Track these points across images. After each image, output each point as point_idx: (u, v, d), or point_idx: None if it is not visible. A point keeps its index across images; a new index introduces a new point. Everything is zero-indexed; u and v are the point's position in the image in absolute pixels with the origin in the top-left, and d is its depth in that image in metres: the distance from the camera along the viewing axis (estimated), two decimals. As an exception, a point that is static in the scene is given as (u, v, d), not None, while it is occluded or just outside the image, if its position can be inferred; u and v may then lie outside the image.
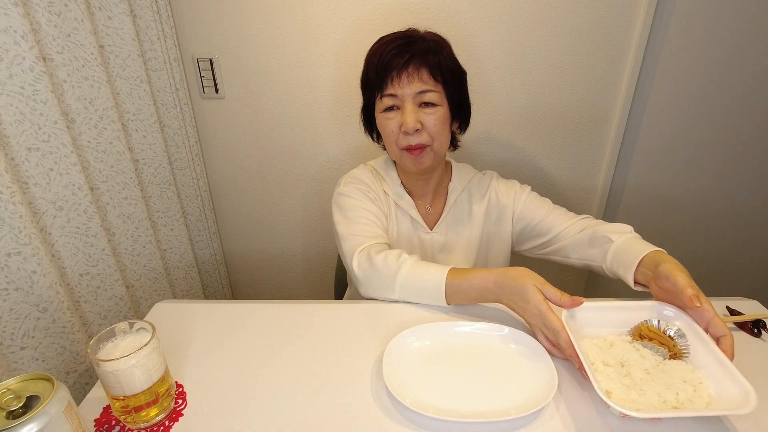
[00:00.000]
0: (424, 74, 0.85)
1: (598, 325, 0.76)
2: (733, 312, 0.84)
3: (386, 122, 0.90)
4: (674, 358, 0.69)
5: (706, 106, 1.36)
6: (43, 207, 0.88)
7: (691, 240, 1.58)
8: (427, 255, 1.03)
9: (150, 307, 0.91)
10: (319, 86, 1.33)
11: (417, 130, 0.87)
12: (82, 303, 0.99)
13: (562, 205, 1.03)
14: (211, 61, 1.30)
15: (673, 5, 1.22)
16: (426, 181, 1.00)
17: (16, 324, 0.82)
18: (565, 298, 0.72)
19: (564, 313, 0.73)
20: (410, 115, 0.86)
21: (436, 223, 1.02)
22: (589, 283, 1.67)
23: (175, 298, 1.36)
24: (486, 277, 0.78)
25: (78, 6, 0.92)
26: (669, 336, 0.72)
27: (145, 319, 0.78)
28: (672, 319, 0.74)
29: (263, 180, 1.49)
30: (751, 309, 0.85)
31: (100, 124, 1.01)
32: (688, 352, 0.70)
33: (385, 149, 1.01)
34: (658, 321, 0.73)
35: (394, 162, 1.03)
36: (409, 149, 0.90)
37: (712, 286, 1.67)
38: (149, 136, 1.20)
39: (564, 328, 0.68)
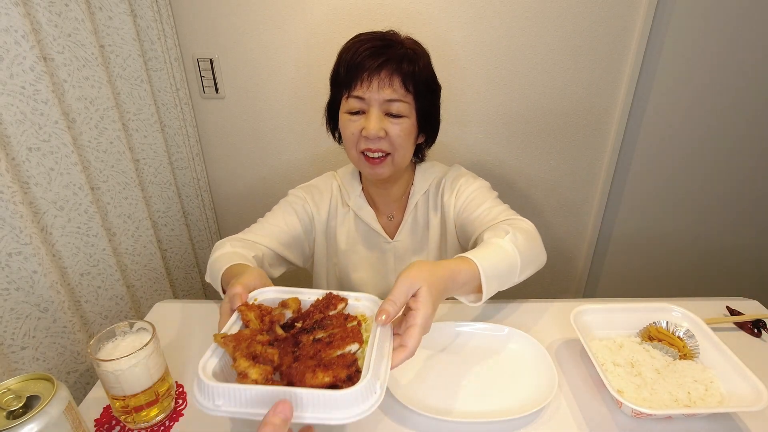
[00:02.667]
0: (396, 82, 0.81)
1: (606, 327, 0.76)
2: (733, 312, 0.84)
3: (348, 123, 0.86)
4: (684, 359, 0.70)
5: (706, 105, 1.36)
6: (43, 207, 0.88)
7: (692, 239, 1.58)
8: (389, 264, 1.01)
9: (150, 307, 0.91)
10: (318, 86, 1.33)
11: (379, 137, 0.83)
12: (83, 303, 0.99)
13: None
14: (211, 61, 1.30)
15: (673, 5, 1.22)
16: (387, 190, 0.97)
17: (17, 324, 0.82)
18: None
19: (573, 315, 0.73)
20: (374, 122, 0.82)
21: (397, 231, 0.99)
22: (589, 283, 1.67)
23: (175, 298, 1.36)
24: None
25: (78, 6, 0.92)
26: (678, 337, 0.72)
27: (145, 319, 0.78)
28: (680, 320, 0.74)
29: (263, 180, 1.49)
30: (751, 309, 0.85)
31: (101, 123, 1.01)
32: (698, 353, 0.70)
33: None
34: (667, 322, 0.74)
35: (360, 172, 1.00)
36: (368, 156, 0.86)
37: (712, 286, 1.67)
38: (150, 136, 1.20)
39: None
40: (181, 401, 0.68)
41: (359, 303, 0.62)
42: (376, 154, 0.86)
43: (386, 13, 1.23)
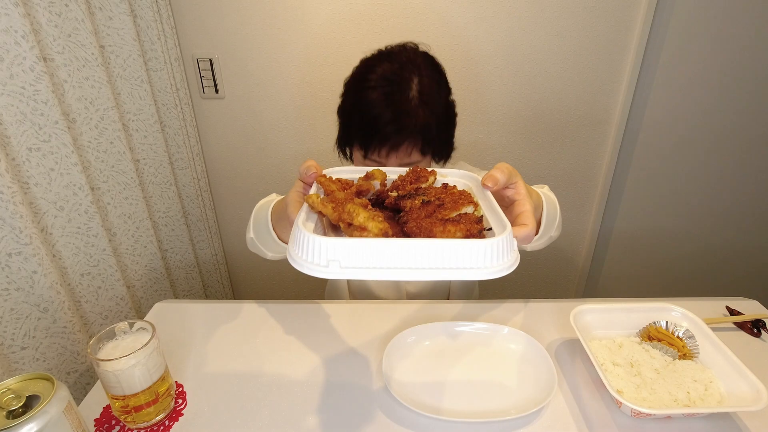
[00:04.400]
0: (415, 153, 0.78)
1: (606, 326, 0.76)
2: (733, 312, 0.84)
3: (365, 163, 0.82)
4: (684, 359, 0.70)
5: (706, 105, 1.36)
6: (44, 207, 0.88)
7: (691, 239, 1.58)
8: None
9: (150, 307, 0.91)
10: (319, 86, 1.33)
11: None
12: (83, 303, 0.99)
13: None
14: (211, 61, 1.30)
15: (673, 5, 1.22)
16: None
17: (17, 324, 0.82)
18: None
19: (572, 315, 0.73)
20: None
21: None
22: (589, 282, 1.67)
23: (175, 298, 1.36)
24: None
25: (78, 6, 0.93)
26: (678, 337, 0.72)
27: (145, 319, 0.78)
28: (680, 320, 0.74)
29: (263, 180, 1.49)
30: (751, 309, 0.85)
31: (101, 124, 1.01)
32: (698, 353, 0.70)
33: None
34: (666, 322, 0.74)
35: None
36: None
37: (711, 286, 1.67)
38: (150, 136, 1.20)
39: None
40: (180, 401, 0.68)
41: (446, 179, 0.57)
42: None
43: (386, 12, 1.23)
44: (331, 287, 1.09)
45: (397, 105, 0.75)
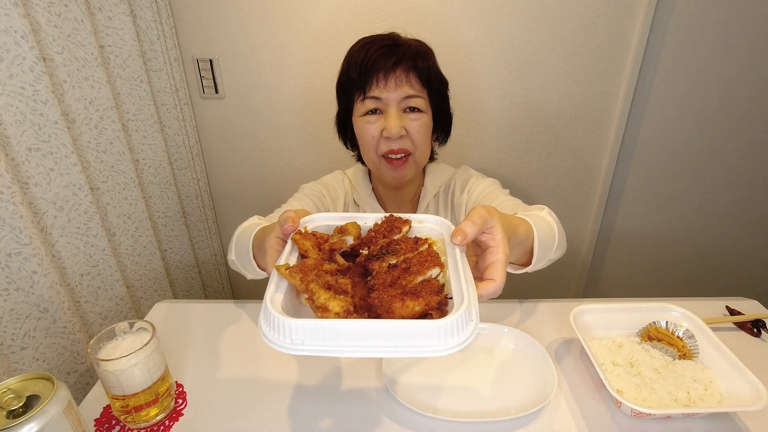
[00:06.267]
0: (413, 78, 0.81)
1: (606, 326, 0.76)
2: (733, 312, 0.84)
3: (366, 126, 0.84)
4: (684, 359, 0.70)
5: (706, 105, 1.36)
6: (43, 207, 0.88)
7: (691, 239, 1.58)
8: None
9: (150, 307, 0.91)
10: (319, 86, 1.33)
11: (401, 136, 0.82)
12: (83, 303, 0.99)
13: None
14: (211, 61, 1.30)
15: (673, 5, 1.22)
16: (399, 191, 0.97)
17: (17, 324, 0.82)
18: None
19: (572, 315, 0.73)
20: (395, 120, 0.81)
21: None
22: (589, 282, 1.67)
23: (175, 298, 1.36)
24: None
25: (78, 6, 0.93)
26: (678, 337, 0.72)
27: (145, 319, 0.78)
28: (679, 320, 0.75)
29: (263, 180, 1.49)
30: (751, 309, 0.85)
31: (101, 124, 1.01)
32: (698, 353, 0.70)
33: (358, 159, 0.98)
34: (666, 322, 0.74)
35: (369, 172, 1.00)
36: (390, 159, 0.85)
37: (712, 286, 1.67)
38: (149, 136, 1.20)
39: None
40: (180, 401, 0.68)
41: (423, 225, 0.56)
42: (398, 155, 0.85)
43: (386, 12, 1.23)
44: None
45: (387, 41, 0.83)
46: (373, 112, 0.83)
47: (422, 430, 0.62)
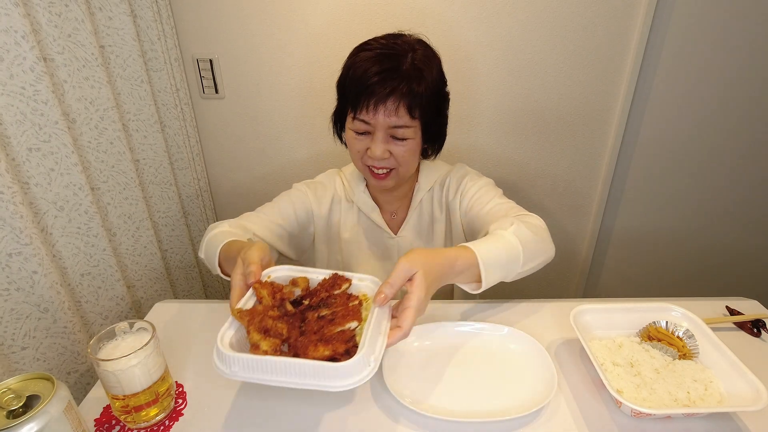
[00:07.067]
0: (402, 110, 0.80)
1: (606, 326, 0.76)
2: (733, 312, 0.84)
3: (354, 141, 0.87)
4: (684, 359, 0.70)
5: (706, 105, 1.36)
6: (44, 207, 0.88)
7: (691, 239, 1.58)
8: (393, 260, 1.02)
9: (150, 307, 0.91)
10: (319, 86, 1.33)
11: (384, 158, 0.85)
12: (83, 303, 0.99)
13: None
14: (211, 61, 1.30)
15: (673, 5, 1.22)
16: (391, 193, 0.99)
17: (17, 324, 0.82)
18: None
19: (572, 315, 0.74)
20: (379, 146, 0.83)
21: (400, 227, 1.01)
22: (589, 282, 1.67)
23: (175, 298, 1.36)
24: None
25: (78, 6, 0.93)
26: (678, 337, 0.72)
27: (145, 319, 0.78)
28: (679, 320, 0.75)
29: (263, 180, 1.50)
30: (751, 309, 0.85)
31: (101, 124, 1.01)
32: (698, 352, 0.70)
33: None
34: (666, 322, 0.74)
35: None
36: (373, 172, 0.88)
37: (712, 286, 1.67)
38: (150, 136, 1.20)
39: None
40: (181, 401, 0.68)
41: (362, 283, 0.68)
42: (380, 171, 0.88)
43: (386, 12, 1.23)
44: None
45: (387, 62, 0.80)
46: (363, 132, 0.85)
47: (422, 429, 0.62)
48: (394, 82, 0.79)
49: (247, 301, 0.61)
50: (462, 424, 0.63)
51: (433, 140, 0.91)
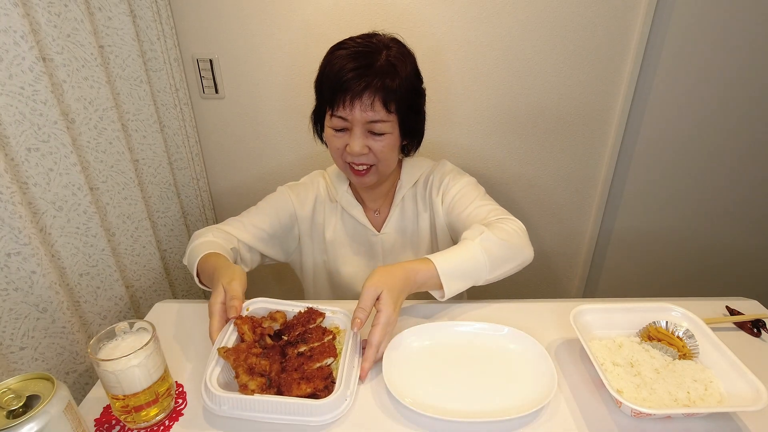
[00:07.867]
0: (378, 104, 0.82)
1: (606, 326, 0.76)
2: (733, 312, 0.84)
3: (333, 139, 0.89)
4: (684, 359, 0.70)
5: (706, 105, 1.36)
6: (42, 207, 0.88)
7: (691, 239, 1.58)
8: (378, 258, 1.04)
9: (150, 307, 0.91)
10: (319, 86, 1.33)
11: (363, 154, 0.86)
12: (82, 303, 0.99)
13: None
14: (211, 61, 1.30)
15: (673, 5, 1.22)
16: (373, 190, 1.00)
17: (16, 324, 0.82)
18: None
19: (572, 315, 0.74)
20: (357, 142, 0.85)
21: (383, 224, 1.02)
22: (589, 282, 1.67)
23: (175, 298, 1.36)
24: None
25: (78, 6, 0.92)
26: (678, 337, 0.72)
27: (145, 319, 0.78)
28: (679, 320, 0.75)
29: (263, 180, 1.49)
30: (751, 309, 0.85)
31: (100, 124, 1.01)
32: (698, 352, 0.70)
33: None
34: (666, 322, 0.74)
35: None
36: (354, 168, 0.90)
37: (712, 286, 1.67)
38: (149, 136, 1.19)
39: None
40: (180, 401, 0.68)
41: (335, 316, 0.77)
42: (360, 167, 0.89)
43: (385, 11, 1.23)
44: (309, 288, 1.12)
45: (362, 59, 0.82)
46: (341, 129, 0.87)
47: (422, 429, 0.62)
48: (369, 78, 0.81)
49: (229, 337, 0.68)
50: (462, 424, 0.63)
51: (411, 136, 0.93)
